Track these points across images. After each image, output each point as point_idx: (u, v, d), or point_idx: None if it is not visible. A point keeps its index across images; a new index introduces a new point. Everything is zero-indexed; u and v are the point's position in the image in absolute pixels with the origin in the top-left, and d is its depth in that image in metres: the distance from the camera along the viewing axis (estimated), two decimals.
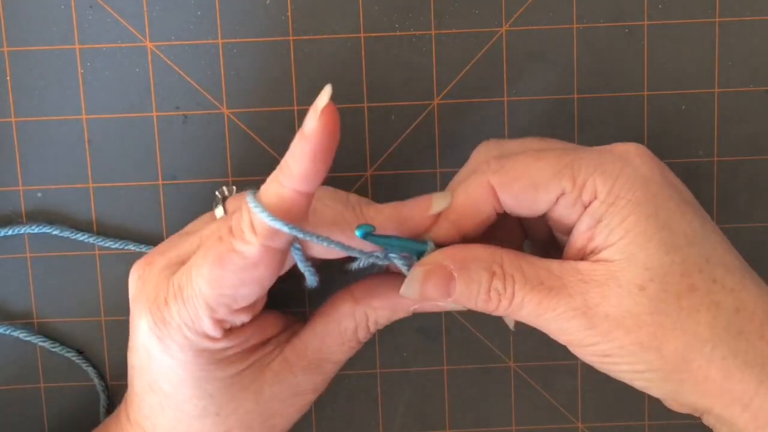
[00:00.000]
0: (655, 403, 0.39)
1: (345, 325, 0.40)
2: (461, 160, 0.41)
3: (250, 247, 0.35)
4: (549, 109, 0.45)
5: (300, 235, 0.35)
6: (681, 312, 0.34)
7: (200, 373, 0.37)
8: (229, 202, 0.40)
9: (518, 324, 0.39)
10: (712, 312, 0.34)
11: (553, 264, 0.36)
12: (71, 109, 0.45)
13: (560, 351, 0.38)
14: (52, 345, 0.45)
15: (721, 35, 0.44)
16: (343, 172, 0.45)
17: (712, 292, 0.34)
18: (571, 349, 0.37)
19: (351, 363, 0.47)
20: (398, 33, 0.44)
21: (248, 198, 0.35)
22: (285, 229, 0.34)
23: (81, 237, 0.45)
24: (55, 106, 0.44)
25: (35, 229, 0.45)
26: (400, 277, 0.38)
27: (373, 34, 0.44)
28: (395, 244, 0.37)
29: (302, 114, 0.41)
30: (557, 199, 0.36)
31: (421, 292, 0.36)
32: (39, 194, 0.45)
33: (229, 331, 0.38)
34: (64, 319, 0.46)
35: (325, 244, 0.36)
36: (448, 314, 0.46)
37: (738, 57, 0.44)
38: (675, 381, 0.35)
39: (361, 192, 0.45)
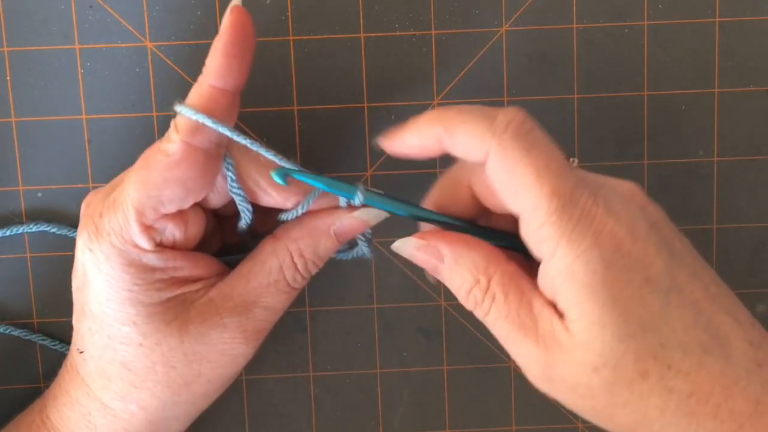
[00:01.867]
0: None
1: (269, 264, 0.40)
2: None
3: (172, 144, 0.37)
4: (549, 109, 0.45)
5: (209, 123, 0.36)
6: (632, 395, 0.34)
7: (125, 292, 0.38)
8: None
9: None
10: (664, 398, 0.34)
11: (537, 302, 0.36)
12: (71, 109, 0.45)
13: None
14: (52, 342, 0.45)
15: (721, 35, 0.44)
16: (343, 172, 0.45)
17: (666, 378, 0.34)
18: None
19: (351, 363, 0.47)
20: (398, 33, 0.44)
21: (175, 103, 0.37)
22: (196, 117, 0.36)
23: None
24: (55, 106, 0.44)
25: (34, 228, 0.45)
26: (317, 212, 0.39)
27: (373, 34, 0.44)
28: (322, 183, 0.38)
29: (302, 114, 0.41)
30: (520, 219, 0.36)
31: (410, 254, 0.38)
32: (39, 194, 0.45)
33: (158, 247, 0.38)
34: (64, 319, 0.46)
35: (237, 138, 0.37)
36: (448, 314, 0.46)
37: (738, 57, 0.44)
38: None
39: None
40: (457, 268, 0.37)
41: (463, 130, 0.35)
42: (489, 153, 0.35)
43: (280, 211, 0.40)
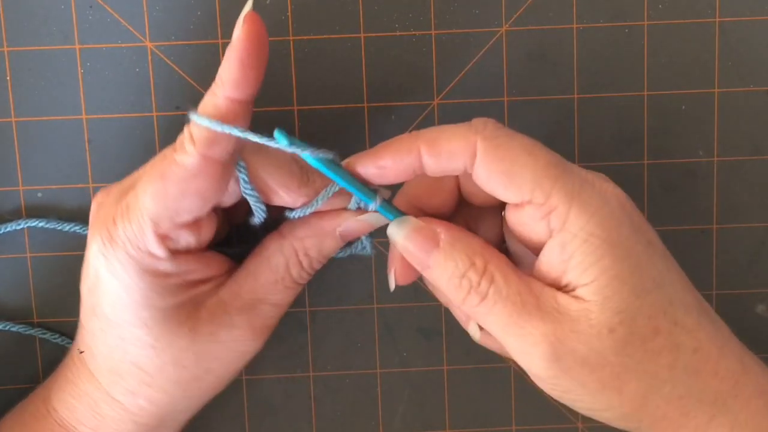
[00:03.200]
0: None
1: (275, 262, 0.40)
2: None
3: (189, 157, 0.36)
4: (549, 109, 0.45)
5: (237, 133, 0.36)
6: (645, 354, 0.35)
7: (140, 298, 0.38)
8: None
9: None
10: (673, 354, 0.35)
11: (535, 284, 0.36)
12: (71, 109, 0.45)
13: None
14: (53, 336, 0.45)
15: (721, 35, 0.44)
16: None
17: (674, 334, 0.35)
18: (532, 377, 0.37)
19: (351, 363, 0.47)
20: (398, 33, 0.44)
21: (189, 112, 0.36)
22: (217, 127, 0.35)
23: (81, 230, 0.45)
24: (55, 106, 0.44)
25: (35, 223, 0.45)
26: (323, 213, 0.40)
27: (373, 34, 0.44)
28: (342, 179, 0.38)
29: (303, 114, 0.41)
30: (523, 204, 0.36)
31: (404, 238, 0.37)
32: (39, 194, 0.45)
33: (173, 254, 0.38)
34: (64, 318, 0.46)
35: (254, 139, 0.36)
36: (448, 314, 0.46)
37: (738, 57, 0.44)
38: (634, 420, 0.36)
39: None
40: (452, 251, 0.36)
41: (446, 138, 0.36)
42: (476, 150, 0.35)
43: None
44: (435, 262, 0.37)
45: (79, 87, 0.44)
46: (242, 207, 0.41)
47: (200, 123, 0.36)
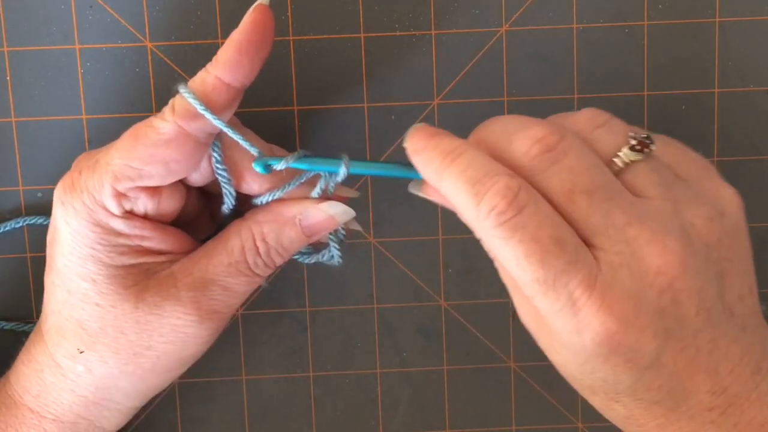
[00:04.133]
0: None
1: (231, 243, 0.40)
2: None
3: (165, 123, 0.37)
4: (549, 109, 0.45)
5: (208, 116, 0.37)
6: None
7: (88, 249, 0.38)
8: None
9: (516, 323, 0.39)
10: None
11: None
12: (71, 109, 0.45)
13: None
14: None
15: (721, 35, 0.44)
16: None
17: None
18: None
19: (351, 363, 0.47)
20: (398, 33, 0.44)
21: (180, 84, 0.37)
22: (196, 105, 0.37)
23: None
24: (55, 106, 0.45)
25: (34, 221, 0.45)
26: (284, 200, 0.40)
27: (373, 34, 0.44)
28: (305, 164, 0.39)
29: (302, 114, 0.41)
30: None
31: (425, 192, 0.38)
32: (39, 194, 0.45)
33: (128, 215, 0.38)
34: None
35: (230, 132, 0.38)
36: (448, 314, 0.46)
37: (738, 57, 0.44)
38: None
39: (362, 191, 0.45)
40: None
41: (456, 204, 0.35)
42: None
43: None
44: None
45: (79, 87, 0.44)
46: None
47: (185, 96, 0.37)
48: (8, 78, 0.44)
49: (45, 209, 0.45)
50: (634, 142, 0.36)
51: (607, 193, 0.34)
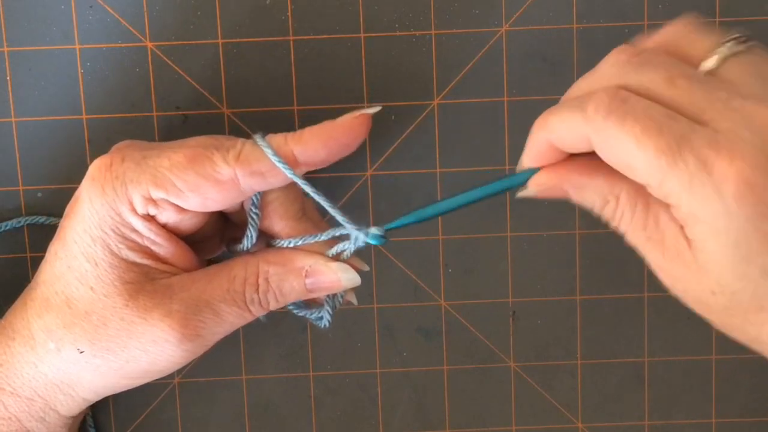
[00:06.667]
0: (656, 402, 0.39)
1: (235, 272, 0.40)
2: (461, 160, 0.40)
3: (226, 167, 0.38)
4: None
5: (283, 168, 0.38)
6: (745, 322, 0.35)
7: (100, 232, 0.39)
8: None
9: (516, 323, 0.39)
10: None
11: (663, 216, 0.36)
12: (71, 109, 0.45)
13: (560, 351, 0.38)
14: None
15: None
16: (343, 172, 0.45)
17: None
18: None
19: (351, 363, 0.47)
20: (398, 33, 0.44)
21: (258, 135, 0.39)
22: (275, 160, 0.38)
23: None
24: (55, 106, 0.45)
25: (35, 220, 0.45)
26: (299, 248, 0.40)
27: (373, 34, 0.44)
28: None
29: (302, 114, 0.41)
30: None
31: (534, 194, 0.37)
32: (39, 194, 0.45)
33: (148, 217, 0.39)
34: None
35: (301, 184, 0.39)
36: (448, 314, 0.46)
37: None
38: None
39: (362, 192, 0.45)
40: (584, 196, 0.37)
41: (562, 129, 0.36)
42: (590, 141, 0.35)
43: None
44: (577, 198, 0.37)
45: (79, 87, 0.44)
46: (240, 229, 0.41)
47: (264, 148, 0.38)
48: (8, 78, 0.44)
49: (45, 209, 0.45)
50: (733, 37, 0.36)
51: (701, 79, 0.35)
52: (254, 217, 0.40)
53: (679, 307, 0.39)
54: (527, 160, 0.38)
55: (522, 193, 0.38)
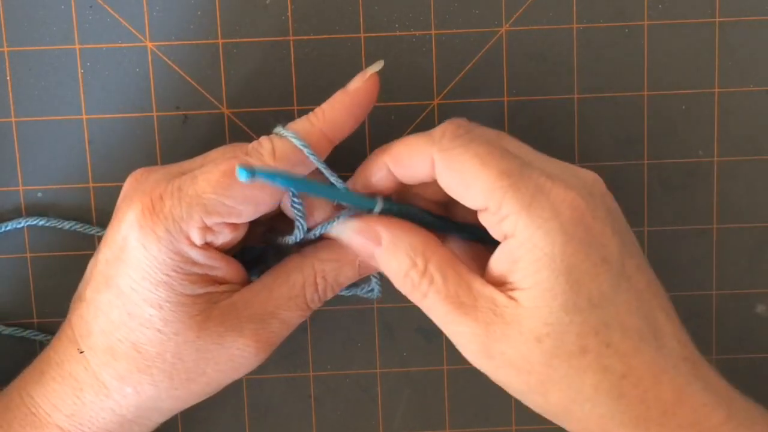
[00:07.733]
0: None
1: (294, 278, 0.41)
2: None
3: (266, 167, 0.38)
4: (549, 109, 0.45)
5: (320, 165, 0.39)
6: (570, 370, 0.36)
7: (163, 276, 0.38)
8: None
9: None
10: (599, 375, 0.36)
11: (476, 282, 0.37)
12: (71, 109, 0.45)
13: None
14: (49, 337, 0.45)
15: (721, 35, 0.44)
16: (344, 171, 0.45)
17: (603, 356, 0.36)
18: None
19: (351, 363, 0.47)
20: (398, 33, 0.44)
21: (278, 127, 0.39)
22: (308, 152, 0.39)
23: (81, 229, 0.45)
24: (55, 106, 0.45)
25: (35, 222, 0.45)
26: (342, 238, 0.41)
27: (373, 34, 0.44)
28: (344, 197, 0.40)
29: (302, 114, 0.41)
30: (482, 209, 0.37)
31: (349, 237, 0.39)
32: (39, 194, 0.45)
33: (206, 246, 0.39)
34: (64, 319, 0.46)
35: (333, 179, 0.40)
36: None
37: (738, 57, 0.44)
38: (559, 421, 0.38)
39: None
40: (394, 250, 0.38)
41: (407, 151, 0.38)
42: (434, 161, 0.37)
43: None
44: (379, 259, 0.39)
45: (79, 87, 0.44)
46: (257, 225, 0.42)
47: (296, 144, 0.39)
48: (8, 78, 0.44)
49: (45, 209, 0.45)
50: None
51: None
52: (299, 207, 0.40)
53: (678, 307, 0.39)
54: (358, 183, 0.40)
55: (337, 230, 0.40)
